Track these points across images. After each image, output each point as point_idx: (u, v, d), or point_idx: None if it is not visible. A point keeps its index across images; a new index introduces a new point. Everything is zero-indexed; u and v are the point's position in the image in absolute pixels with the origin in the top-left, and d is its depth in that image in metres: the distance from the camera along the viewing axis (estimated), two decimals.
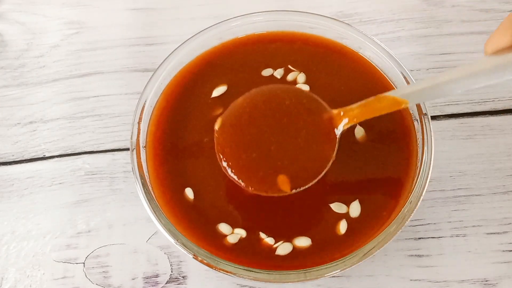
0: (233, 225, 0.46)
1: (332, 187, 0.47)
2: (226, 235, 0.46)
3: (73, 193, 0.55)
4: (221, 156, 0.45)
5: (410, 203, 0.45)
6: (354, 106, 0.46)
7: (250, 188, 0.44)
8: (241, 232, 0.46)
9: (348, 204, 0.46)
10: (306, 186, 0.44)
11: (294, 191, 0.44)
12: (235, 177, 0.44)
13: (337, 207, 0.46)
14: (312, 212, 0.47)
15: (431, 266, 0.50)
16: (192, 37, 0.53)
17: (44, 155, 0.57)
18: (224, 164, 0.45)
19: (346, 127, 0.46)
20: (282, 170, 0.44)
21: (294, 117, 0.46)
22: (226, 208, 0.47)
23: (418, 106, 0.48)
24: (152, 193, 0.46)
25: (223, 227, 0.46)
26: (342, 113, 0.45)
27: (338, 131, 0.45)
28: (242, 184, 0.44)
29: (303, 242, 0.45)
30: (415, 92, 0.44)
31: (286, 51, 0.54)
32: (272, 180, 0.44)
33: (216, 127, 0.46)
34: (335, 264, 0.43)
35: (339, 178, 0.48)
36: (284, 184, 0.44)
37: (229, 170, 0.44)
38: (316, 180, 0.44)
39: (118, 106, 0.59)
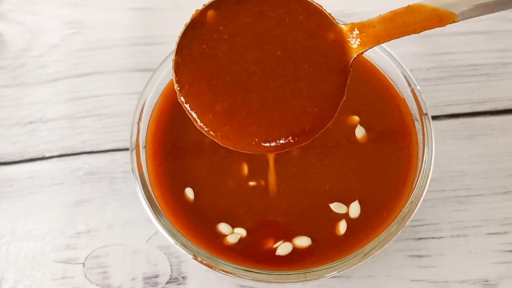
0: (233, 225, 0.46)
1: (332, 187, 0.47)
2: (226, 235, 0.46)
3: (73, 193, 0.55)
4: (183, 99, 0.36)
5: (411, 203, 0.44)
6: (374, 19, 0.34)
7: (222, 139, 0.35)
8: (241, 232, 0.46)
9: (348, 204, 0.46)
10: (301, 144, 0.34)
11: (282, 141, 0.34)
12: (201, 124, 0.36)
13: (337, 207, 0.46)
14: (312, 212, 0.46)
15: (432, 266, 0.50)
16: None
17: (44, 155, 0.57)
18: (187, 106, 0.36)
19: (362, 51, 0.34)
20: (270, 115, 0.34)
21: (291, 46, 0.35)
22: (226, 208, 0.47)
23: (419, 106, 0.48)
24: (152, 193, 0.46)
25: (223, 227, 0.46)
26: (356, 31, 0.34)
27: (351, 56, 0.34)
28: (212, 133, 0.36)
29: (303, 242, 0.45)
30: (467, 1, 0.32)
31: None
32: (256, 129, 0.35)
33: (176, 57, 0.36)
34: (335, 264, 0.43)
35: (339, 178, 0.48)
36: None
37: (193, 114, 0.35)
38: (314, 137, 0.34)
39: (118, 106, 0.59)
